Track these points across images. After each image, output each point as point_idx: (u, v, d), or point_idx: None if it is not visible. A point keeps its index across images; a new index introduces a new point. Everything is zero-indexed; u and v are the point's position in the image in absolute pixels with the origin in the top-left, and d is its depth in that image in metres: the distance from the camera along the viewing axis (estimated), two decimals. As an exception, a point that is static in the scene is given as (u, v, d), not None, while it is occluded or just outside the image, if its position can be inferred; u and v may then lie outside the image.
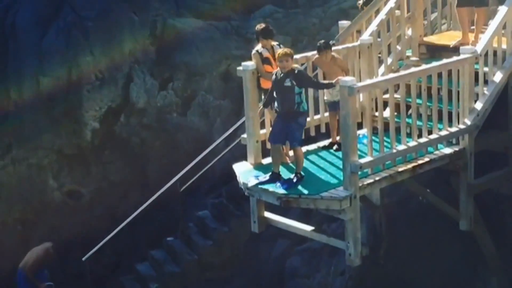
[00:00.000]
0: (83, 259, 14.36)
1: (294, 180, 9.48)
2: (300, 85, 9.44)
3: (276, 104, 9.65)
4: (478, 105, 10.16)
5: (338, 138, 10.19)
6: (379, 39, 11.14)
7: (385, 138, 9.59)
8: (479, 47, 10.19)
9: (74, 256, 15.23)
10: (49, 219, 16.16)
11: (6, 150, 16.13)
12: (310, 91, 10.51)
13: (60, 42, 16.32)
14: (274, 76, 9.55)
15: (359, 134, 9.68)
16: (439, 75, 9.94)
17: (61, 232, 16.04)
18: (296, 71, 9.42)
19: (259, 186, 9.54)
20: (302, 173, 9.56)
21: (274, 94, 9.60)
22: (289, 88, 9.37)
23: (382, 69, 11.26)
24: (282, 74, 9.41)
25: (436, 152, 10.02)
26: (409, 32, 11.71)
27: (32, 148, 16.11)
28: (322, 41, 10.34)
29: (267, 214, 10.32)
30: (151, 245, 14.78)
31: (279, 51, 9.53)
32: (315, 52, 10.52)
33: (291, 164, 10.04)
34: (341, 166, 9.36)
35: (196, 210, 14.79)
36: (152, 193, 14.73)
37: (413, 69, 10.02)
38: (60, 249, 15.75)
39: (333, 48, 10.36)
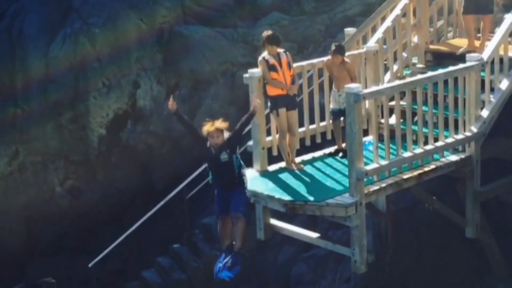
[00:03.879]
0: (89, 265, 14.38)
1: (229, 263, 9.41)
2: (235, 148, 9.46)
3: (214, 178, 9.58)
4: (485, 113, 10.15)
5: (343, 145, 10.20)
6: (385, 46, 11.15)
7: (391, 145, 9.60)
8: (485, 55, 10.20)
9: (80, 263, 15.26)
10: (56, 225, 16.18)
11: (13, 156, 16.17)
12: (316, 97, 10.52)
13: (67, 49, 16.37)
14: (208, 152, 9.48)
15: (364, 141, 9.68)
16: (445, 83, 9.94)
17: (67, 238, 16.07)
18: (227, 140, 9.44)
19: (265, 193, 9.55)
20: (243, 251, 9.48)
21: (211, 170, 9.57)
22: (226, 162, 9.45)
23: (388, 76, 11.27)
24: (216, 150, 9.41)
25: (442, 159, 10.01)
26: (415, 39, 11.72)
27: (39, 154, 16.15)
28: (336, 43, 10.36)
29: (273, 221, 10.33)
30: (158, 252, 14.79)
31: (209, 127, 9.46)
32: (321, 59, 10.54)
33: (296, 171, 10.05)
34: (346, 173, 9.36)
35: (202, 217, 14.79)
36: (158, 200, 14.74)
37: (419, 76, 10.03)
38: (66, 255, 15.82)
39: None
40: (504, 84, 10.37)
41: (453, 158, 10.04)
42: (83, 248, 15.71)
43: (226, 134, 9.45)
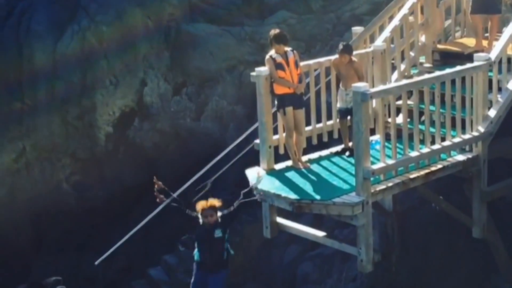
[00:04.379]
0: (96, 263, 14.38)
1: None
2: (227, 227, 9.43)
3: (202, 257, 9.52)
4: (492, 112, 10.13)
5: (350, 143, 10.19)
6: (392, 46, 11.13)
7: (398, 144, 9.58)
8: (493, 54, 10.17)
9: (86, 260, 15.28)
10: (62, 222, 16.21)
11: (20, 153, 16.21)
12: (323, 96, 10.52)
13: (75, 46, 16.40)
14: (202, 229, 9.42)
15: (371, 140, 9.67)
16: (453, 82, 9.92)
17: (73, 236, 16.10)
18: (220, 218, 9.42)
19: (272, 192, 9.55)
20: None
21: (201, 247, 9.47)
22: (220, 238, 9.41)
23: (395, 75, 11.25)
24: (210, 227, 9.37)
25: (449, 159, 9.99)
26: (422, 38, 11.70)
27: (45, 151, 16.19)
28: (344, 42, 10.35)
29: (279, 220, 10.32)
30: (164, 250, 14.80)
31: (203, 205, 9.42)
32: (328, 57, 10.53)
33: (303, 170, 10.05)
34: (353, 172, 9.35)
35: (208, 215, 14.77)
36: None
37: (426, 76, 10.01)
38: (73, 253, 15.85)
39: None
40: (511, 84, 10.35)
41: (460, 157, 10.01)
42: (89, 245, 15.73)
43: (219, 213, 9.46)
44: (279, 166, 10.27)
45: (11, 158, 16.13)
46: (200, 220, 9.39)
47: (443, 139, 9.97)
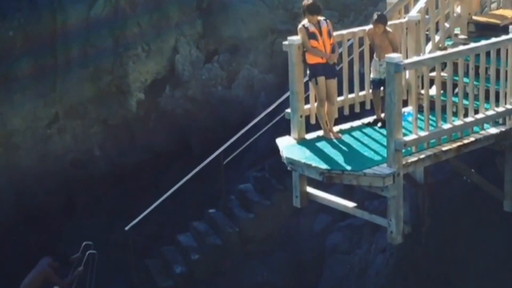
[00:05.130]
0: (126, 228, 14.54)
1: None
2: None
3: None
4: (527, 85, 10.01)
5: (382, 115, 10.14)
6: (427, 16, 11.01)
7: (430, 116, 9.52)
8: (529, 26, 10.03)
9: (117, 226, 15.44)
10: (94, 188, 16.38)
11: (53, 119, 16.35)
12: (356, 66, 10.47)
13: (108, 14, 16.42)
14: None
15: (404, 112, 9.61)
16: (487, 54, 9.81)
17: (105, 201, 16.27)
18: None
19: (303, 161, 9.56)
20: None
21: None
22: None
23: (429, 46, 11.14)
24: None
25: (482, 131, 9.91)
26: (458, 9, 11.55)
27: (78, 118, 16.31)
28: (379, 12, 10.27)
29: (310, 189, 10.33)
30: (193, 216, 14.91)
31: None
32: (362, 27, 10.45)
33: (334, 140, 10.04)
34: (385, 143, 9.31)
35: (238, 183, 14.86)
36: (195, 165, 14.83)
37: (461, 47, 9.90)
38: (104, 219, 16.03)
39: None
40: (548, 57, 10.20)
41: (493, 130, 9.93)
42: (120, 211, 15.89)
43: None
44: (310, 136, 10.26)
45: (44, 124, 16.27)
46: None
47: (476, 112, 9.89)
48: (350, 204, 10.18)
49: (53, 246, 15.49)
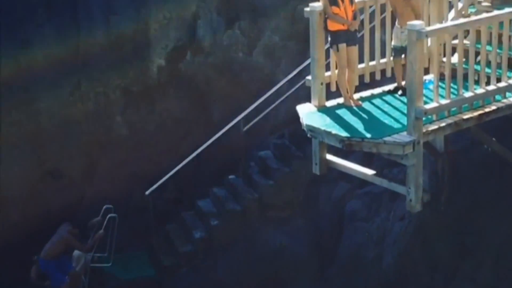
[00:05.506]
0: (146, 193, 14.65)
1: None
2: None
3: None
4: (550, 54, 9.92)
5: (403, 82, 10.10)
6: (450, -17, 10.90)
7: (452, 84, 9.46)
8: (554, -6, 9.91)
9: (137, 190, 15.55)
10: (115, 153, 16.47)
11: (75, 86, 16.39)
12: (377, 33, 10.40)
13: (130, -20, 16.37)
14: None
15: (425, 80, 9.57)
16: (511, 22, 9.70)
17: (125, 167, 16.36)
18: None
19: (322, 129, 9.56)
20: None
21: None
22: None
23: (452, 13, 11.03)
24: None
25: (504, 100, 9.85)
26: (482, -24, 11.43)
27: (100, 85, 16.35)
28: None
29: (329, 157, 10.34)
30: (213, 182, 14.98)
31: None
32: (384, -6, 10.38)
33: (354, 107, 10.02)
34: (405, 111, 9.29)
35: (258, 150, 14.89)
36: (216, 131, 14.87)
37: (484, 15, 9.80)
38: (124, 183, 16.13)
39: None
40: None
41: (515, 99, 9.86)
42: (140, 176, 15.98)
43: None
44: (330, 103, 10.25)
45: (67, 92, 16.32)
46: None
47: (498, 80, 9.82)
48: (370, 172, 10.19)
49: (73, 210, 15.63)
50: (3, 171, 16.12)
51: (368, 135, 9.23)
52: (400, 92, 10.32)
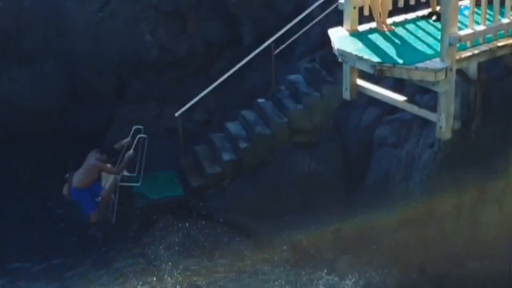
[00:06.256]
0: (176, 115, 14.70)
1: None
2: None
3: None
4: None
5: (438, 8, 9.93)
6: None
7: (488, 10, 9.28)
8: None
9: (167, 112, 15.62)
10: (145, 73, 16.50)
11: (104, 3, 16.33)
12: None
13: None
14: None
15: (460, 5, 9.39)
16: None
17: (155, 87, 16.40)
18: None
19: (354, 53, 9.47)
20: None
21: None
22: None
23: None
24: None
25: (541, 28, 9.66)
26: None
27: (130, 2, 16.26)
28: None
29: (360, 82, 10.27)
30: (243, 105, 14.99)
31: None
32: None
33: (387, 32, 9.90)
34: (439, 37, 9.16)
35: (288, 73, 14.82)
36: (246, 54, 14.79)
37: None
38: (154, 104, 16.21)
39: None
40: None
41: (553, 27, 9.67)
42: (170, 97, 16.03)
43: None
44: (362, 27, 10.13)
45: (96, 7, 16.27)
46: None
47: (536, 7, 9.61)
48: (400, 98, 10.13)
49: (103, 132, 15.77)
50: (34, 86, 16.27)
51: (400, 61, 9.14)
52: (434, 17, 10.17)
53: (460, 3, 9.19)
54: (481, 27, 9.25)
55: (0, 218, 13.83)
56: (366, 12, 10.21)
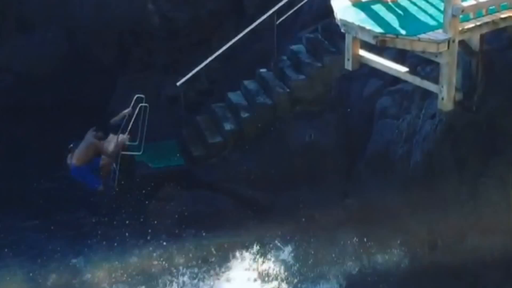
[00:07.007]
0: (178, 84, 14.69)
1: None
2: None
3: None
4: None
5: (442, -21, 9.86)
6: None
7: (491, -19, 9.24)
8: None
9: (169, 81, 15.61)
10: (147, 42, 16.46)
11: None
12: None
13: None
14: None
15: (464, -24, 9.34)
16: None
17: (157, 56, 16.38)
18: None
19: (356, 24, 9.44)
20: None
21: None
22: None
23: None
24: None
25: (544, -1, 9.61)
26: None
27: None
28: None
29: (362, 52, 10.25)
30: (244, 75, 14.97)
31: None
32: None
33: (390, 3, 9.86)
34: (442, 8, 9.13)
35: (290, 43, 14.78)
36: (248, 24, 14.74)
37: None
38: (156, 73, 16.20)
39: None
40: None
41: (557, -1, 9.61)
42: (172, 67, 16.01)
43: None
44: (366, -2, 10.08)
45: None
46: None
47: (540, -22, 9.56)
48: (402, 69, 10.11)
49: (105, 101, 15.77)
50: (35, 52, 16.25)
51: (403, 32, 9.11)
52: (437, -12, 10.10)
53: (463, -26, 9.14)
54: (484, -2, 9.21)
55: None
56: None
